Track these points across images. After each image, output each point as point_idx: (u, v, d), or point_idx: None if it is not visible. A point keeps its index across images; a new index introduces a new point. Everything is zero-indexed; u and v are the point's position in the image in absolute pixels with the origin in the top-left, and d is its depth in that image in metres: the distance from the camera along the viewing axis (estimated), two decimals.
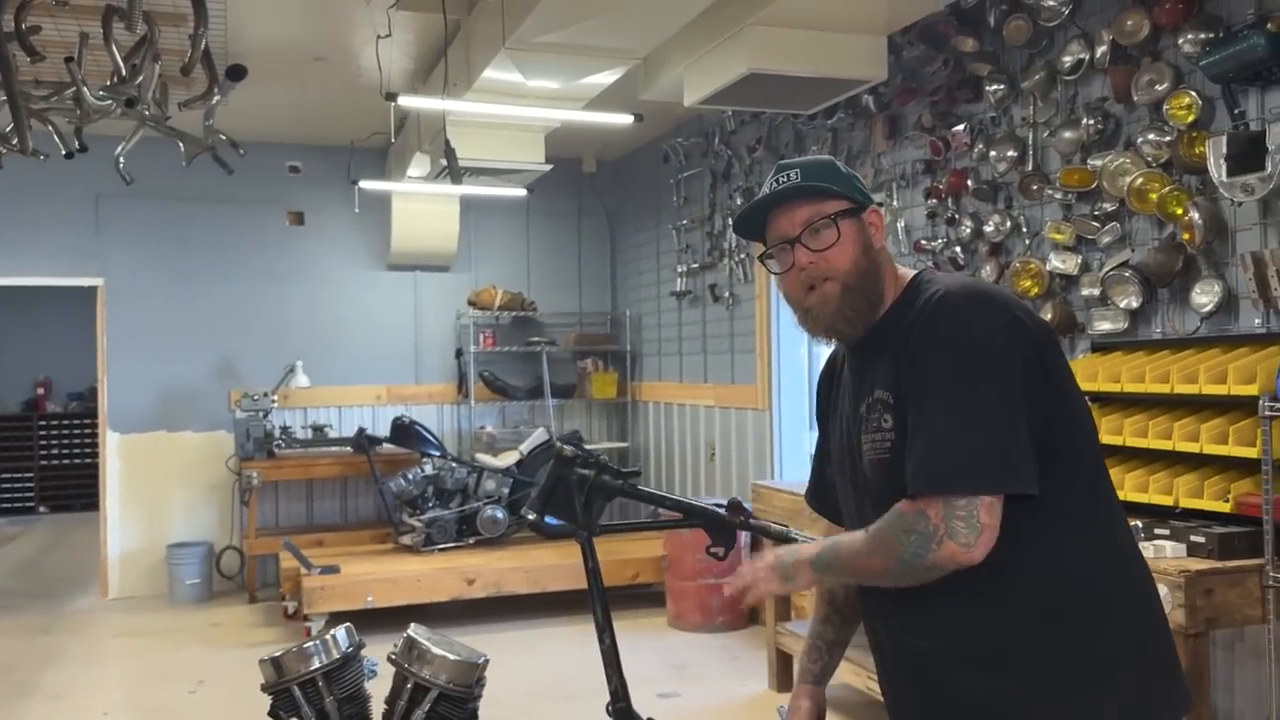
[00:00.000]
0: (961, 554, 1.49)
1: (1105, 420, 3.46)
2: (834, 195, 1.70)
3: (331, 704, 2.45)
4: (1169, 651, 1.64)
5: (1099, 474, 1.64)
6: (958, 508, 1.49)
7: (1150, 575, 1.68)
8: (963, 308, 1.58)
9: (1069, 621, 1.56)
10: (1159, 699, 1.60)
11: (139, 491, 7.37)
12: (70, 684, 5.31)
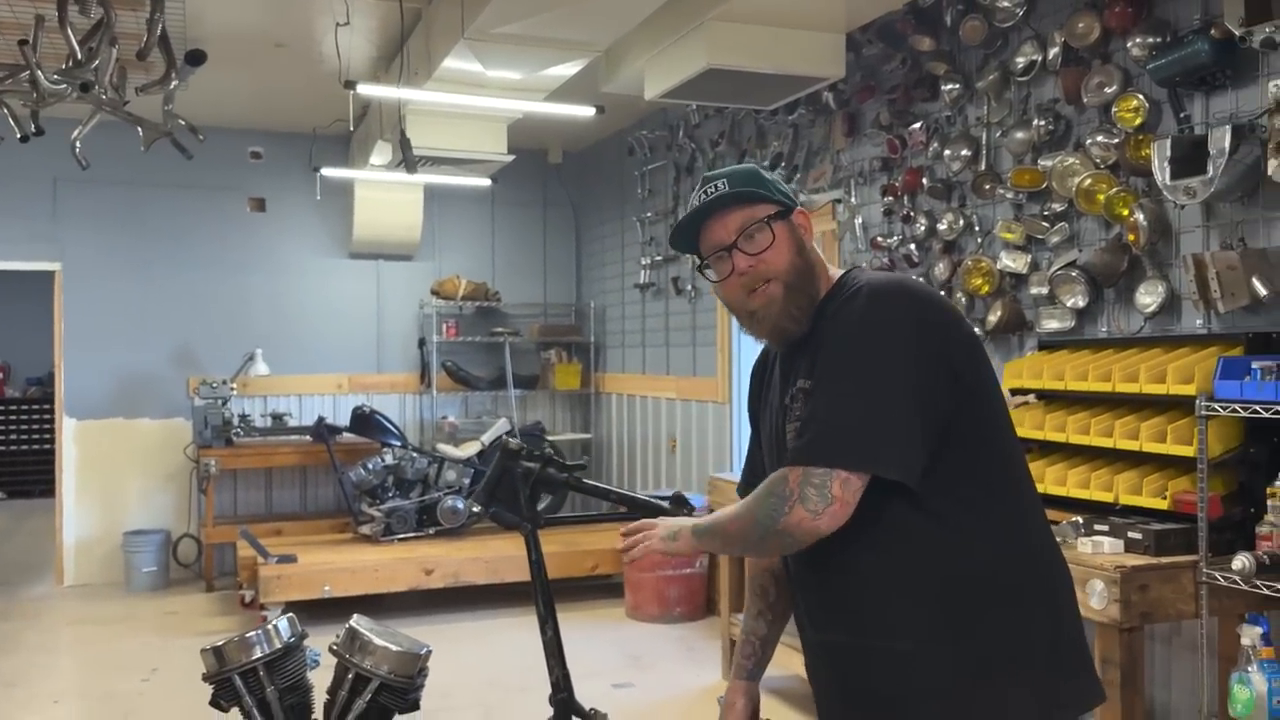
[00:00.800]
0: (808, 520, 1.55)
1: (1050, 418, 3.52)
2: (763, 199, 1.74)
3: (273, 693, 2.46)
4: (1080, 646, 1.68)
5: (1012, 469, 1.68)
6: (814, 475, 1.55)
7: (1065, 571, 1.72)
8: (872, 302, 1.63)
9: (975, 608, 1.59)
10: (1068, 691, 1.64)
11: (96, 478, 7.30)
12: (22, 672, 5.27)
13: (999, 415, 1.69)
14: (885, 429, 1.55)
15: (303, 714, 2.53)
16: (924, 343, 1.59)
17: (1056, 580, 1.68)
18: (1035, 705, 1.60)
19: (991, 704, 1.59)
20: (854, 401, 1.57)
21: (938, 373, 1.58)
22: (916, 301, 1.63)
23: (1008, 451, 1.69)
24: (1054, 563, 1.70)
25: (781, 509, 1.56)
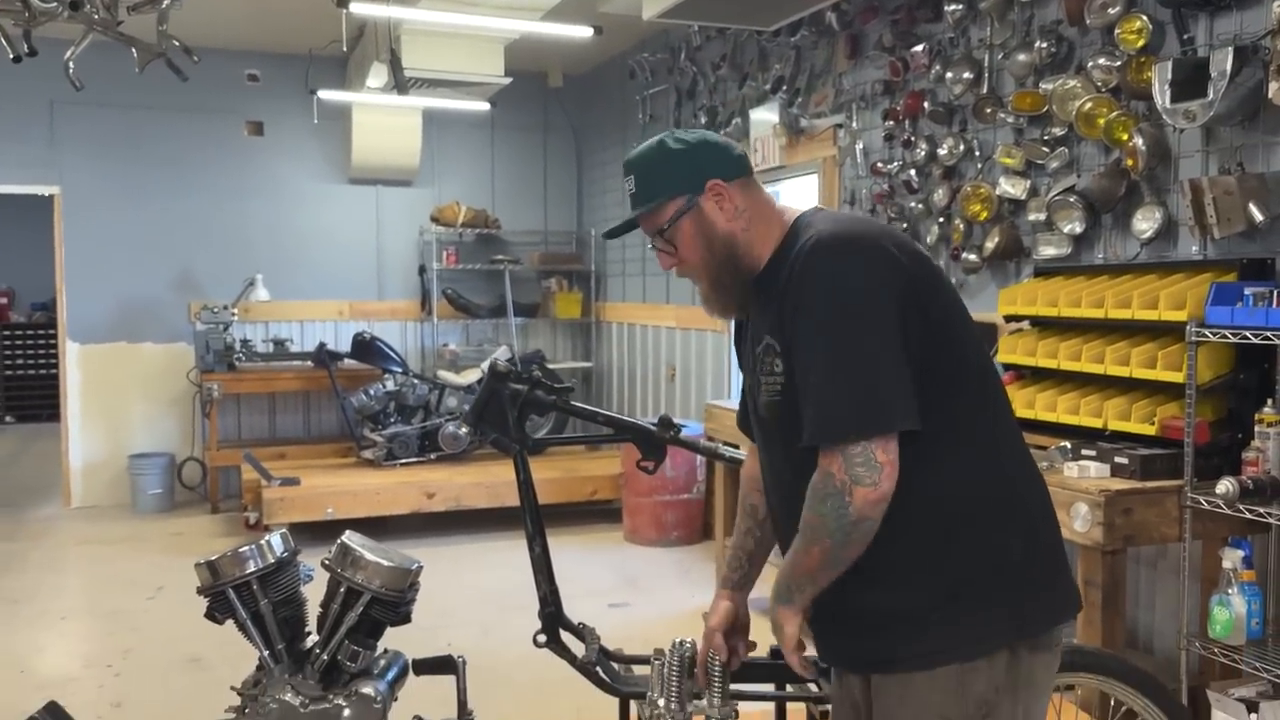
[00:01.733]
0: (873, 494, 1.54)
1: (1042, 344, 3.52)
2: (668, 195, 1.75)
3: (266, 606, 2.50)
4: (1053, 560, 1.70)
5: (987, 400, 1.68)
6: (854, 455, 1.54)
7: (1040, 490, 1.73)
8: (830, 256, 1.61)
9: (947, 533, 1.62)
10: (1040, 606, 1.66)
11: (100, 402, 7.36)
12: (30, 589, 5.37)
13: (967, 343, 1.68)
14: (890, 384, 1.55)
15: (296, 627, 2.57)
16: (890, 286, 1.58)
17: (1031, 500, 1.70)
18: (1007, 622, 1.62)
19: (964, 624, 1.61)
20: (852, 370, 1.56)
21: (906, 316, 1.58)
22: (868, 248, 1.61)
23: (978, 376, 1.69)
24: (1028, 481, 1.71)
25: (844, 503, 1.55)
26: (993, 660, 1.60)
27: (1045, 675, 1.68)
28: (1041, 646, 1.66)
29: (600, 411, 2.84)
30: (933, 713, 1.61)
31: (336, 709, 2.44)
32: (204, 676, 4.04)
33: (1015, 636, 1.62)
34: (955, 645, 1.60)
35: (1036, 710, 1.69)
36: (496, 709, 2.56)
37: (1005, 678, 1.61)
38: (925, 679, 1.61)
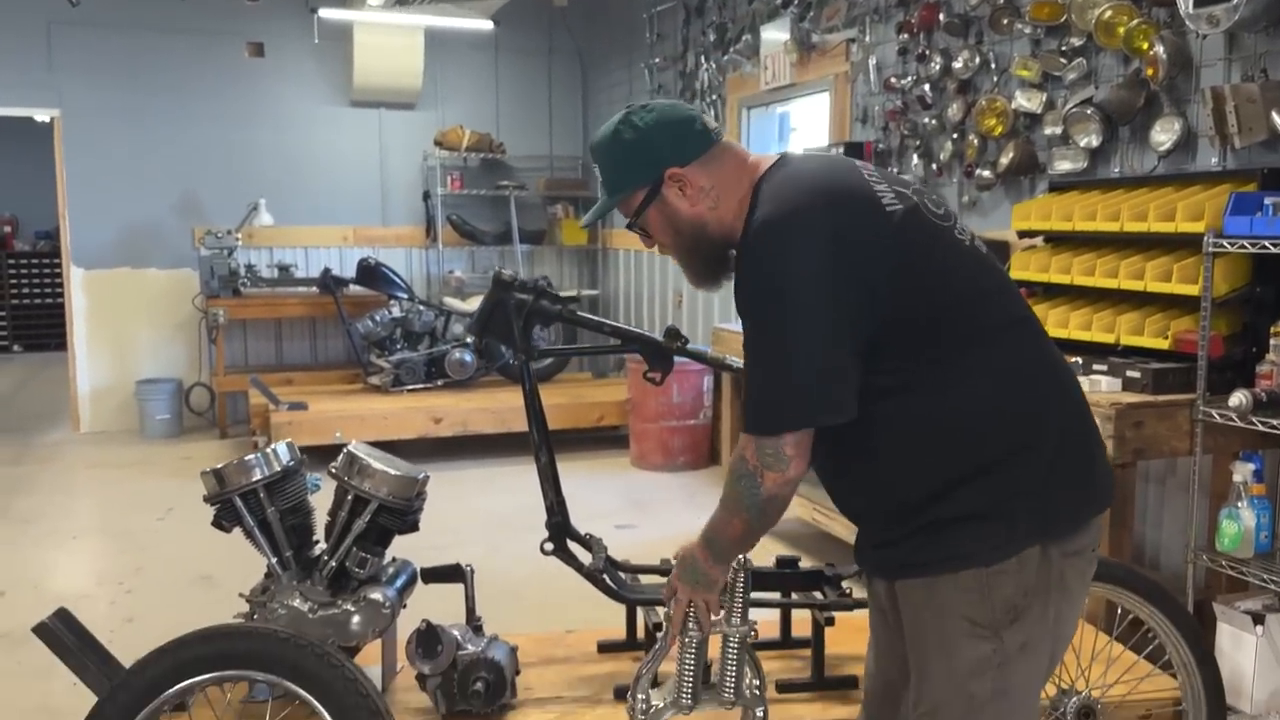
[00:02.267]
0: (781, 479, 1.61)
1: (1055, 260, 3.47)
2: (632, 185, 1.75)
3: (274, 514, 2.50)
4: (1082, 466, 1.66)
5: (995, 321, 1.64)
6: (765, 445, 1.60)
7: (1068, 400, 1.68)
8: (762, 246, 1.59)
9: (971, 452, 1.59)
10: (1070, 508, 1.64)
11: (106, 327, 7.36)
12: (41, 510, 5.42)
13: (946, 283, 1.63)
14: (813, 384, 1.57)
15: (304, 535, 2.57)
16: (828, 265, 1.55)
17: (1053, 406, 1.65)
18: (1031, 525, 1.59)
19: (987, 529, 1.59)
20: (768, 367, 1.59)
21: (852, 288, 1.55)
22: (801, 232, 1.57)
23: (979, 302, 1.64)
24: (1050, 388, 1.66)
25: (756, 483, 1.63)
26: (1022, 563, 1.58)
27: (1078, 580, 1.66)
28: (1073, 550, 1.63)
29: (606, 322, 2.80)
30: (957, 616, 1.60)
31: (345, 614, 2.45)
32: (214, 593, 4.08)
33: (1041, 539, 1.59)
34: (979, 550, 1.58)
35: (1069, 615, 1.67)
36: (504, 620, 2.58)
37: (1036, 581, 1.59)
38: (950, 582, 1.60)
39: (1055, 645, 1.67)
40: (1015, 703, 1.63)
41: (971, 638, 1.60)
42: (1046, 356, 1.69)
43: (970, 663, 1.60)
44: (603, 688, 2.55)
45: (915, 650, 1.68)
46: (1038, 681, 1.67)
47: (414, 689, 2.45)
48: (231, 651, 2.13)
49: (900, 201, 1.62)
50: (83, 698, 2.20)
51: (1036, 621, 1.60)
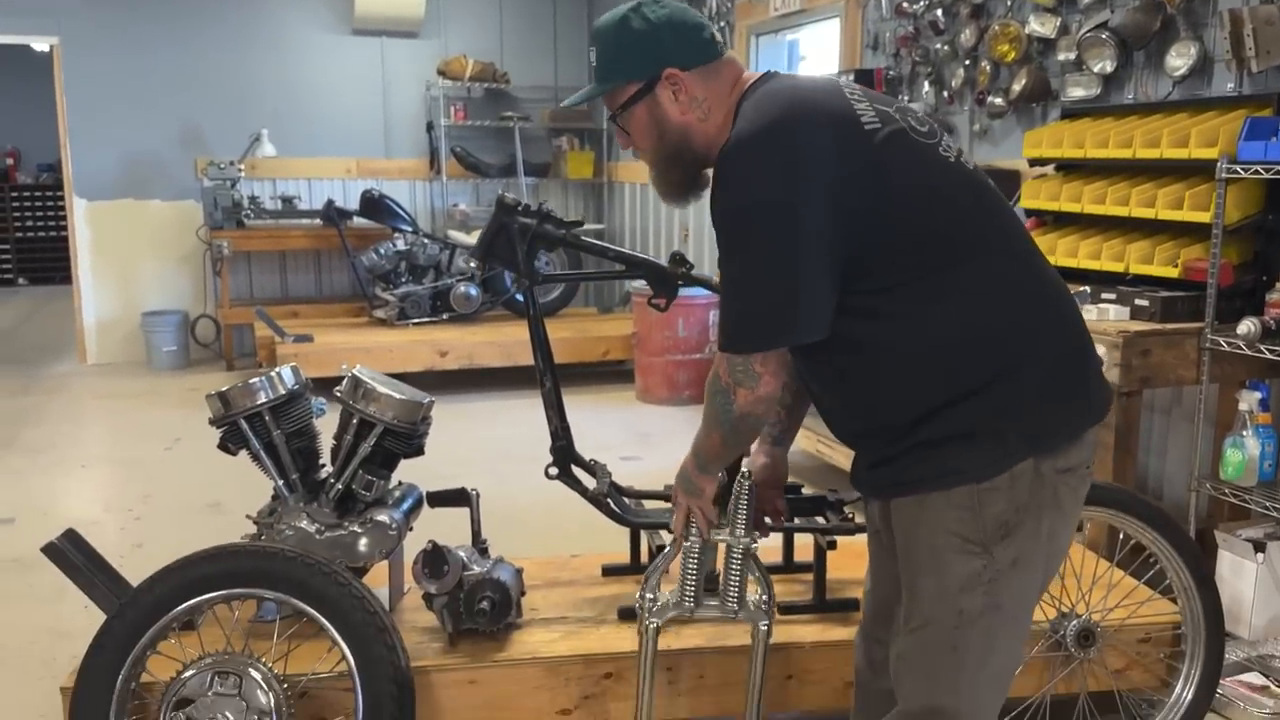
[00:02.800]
0: (752, 395, 1.64)
1: (1066, 188, 3.43)
2: (625, 77, 1.71)
3: (279, 437, 2.50)
4: (1075, 380, 1.65)
5: (964, 250, 1.60)
6: (735, 363, 1.63)
7: (1061, 315, 1.66)
8: (738, 162, 1.57)
9: (960, 371, 1.59)
10: (1061, 421, 1.63)
11: (111, 260, 7.34)
12: (50, 440, 5.45)
13: (926, 205, 1.60)
14: (782, 304, 1.57)
15: (310, 458, 2.59)
16: (801, 189, 1.53)
17: (1046, 321, 1.63)
18: (1022, 440, 1.59)
19: (978, 445, 1.59)
20: (739, 286, 1.60)
21: (828, 208, 1.53)
22: (777, 151, 1.54)
23: (968, 220, 1.62)
24: (1043, 303, 1.64)
25: (730, 400, 1.65)
26: (1015, 479, 1.58)
27: (1071, 498, 1.66)
28: (1067, 467, 1.63)
29: (610, 247, 2.79)
30: (948, 532, 1.61)
31: (352, 536, 2.47)
32: (223, 520, 4.11)
33: (1032, 453, 1.59)
34: (971, 467, 1.59)
35: (1063, 532, 1.67)
36: (509, 546, 2.60)
37: (1028, 497, 1.59)
38: (942, 499, 1.60)
39: (1049, 562, 1.68)
40: (1007, 617, 1.64)
41: (962, 554, 1.61)
42: (1037, 272, 1.67)
43: (961, 578, 1.61)
44: (607, 609, 2.58)
45: (907, 567, 1.69)
46: (1031, 597, 1.68)
47: (421, 609, 2.47)
48: (239, 570, 2.16)
49: (881, 120, 1.60)
50: (93, 619, 2.23)
51: (1029, 538, 1.61)
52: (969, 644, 1.64)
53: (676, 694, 2.39)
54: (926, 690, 1.69)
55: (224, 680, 2.08)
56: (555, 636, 2.44)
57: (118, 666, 2.10)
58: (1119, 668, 2.49)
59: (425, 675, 2.27)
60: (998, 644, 1.66)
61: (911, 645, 1.70)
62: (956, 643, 1.64)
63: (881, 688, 1.91)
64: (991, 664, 1.67)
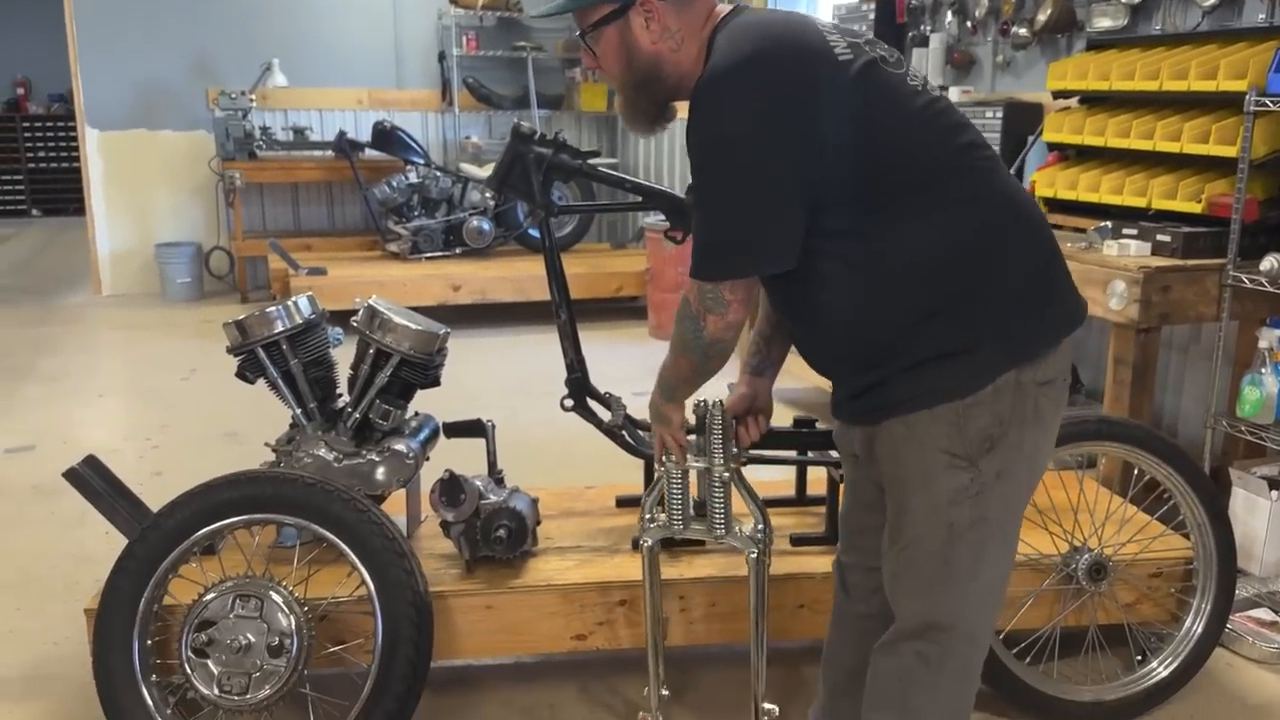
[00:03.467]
0: (721, 322, 1.68)
1: (1089, 122, 3.37)
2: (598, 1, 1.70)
3: (297, 366, 2.52)
4: (1049, 291, 1.69)
5: (931, 175, 1.62)
6: (705, 290, 1.67)
7: (1030, 230, 1.68)
8: (711, 95, 1.59)
9: (933, 289, 1.61)
10: (1037, 330, 1.66)
11: (124, 190, 7.33)
12: (65, 369, 5.49)
13: (903, 124, 1.62)
14: (752, 233, 1.61)
15: (327, 388, 2.60)
16: (776, 119, 1.55)
17: (1015, 236, 1.66)
18: (1000, 353, 1.62)
19: (958, 362, 1.62)
20: (709, 216, 1.63)
21: (800, 139, 1.56)
22: (744, 84, 1.57)
23: (925, 147, 1.63)
24: (1013, 220, 1.67)
25: (699, 326, 1.70)
26: (997, 392, 1.62)
27: (1051, 409, 1.70)
28: (1045, 379, 1.66)
29: (627, 178, 2.76)
30: (935, 449, 1.64)
31: (370, 464, 2.49)
32: (240, 449, 4.15)
33: (1013, 365, 1.62)
34: (953, 383, 1.62)
35: (1044, 445, 1.71)
36: (524, 478, 2.61)
37: (1010, 410, 1.63)
38: (927, 417, 1.64)
39: (1031, 475, 1.72)
40: (995, 528, 1.68)
41: (950, 469, 1.64)
42: (1005, 188, 1.69)
43: (949, 492, 1.65)
44: (621, 539, 2.60)
45: (896, 488, 1.72)
46: (1016, 509, 1.72)
47: (438, 537, 2.50)
48: (260, 495, 2.18)
49: (853, 53, 1.62)
50: (114, 544, 2.27)
51: (1012, 450, 1.65)
52: (960, 557, 1.68)
53: (689, 622, 2.43)
54: (922, 606, 1.74)
55: (245, 603, 2.12)
56: (570, 564, 2.47)
57: (140, 589, 2.14)
58: (1129, 602, 2.51)
59: (443, 600, 2.30)
60: (987, 555, 1.70)
61: (904, 563, 1.73)
62: (948, 556, 1.68)
63: (855, 611, 2.00)
64: (983, 575, 1.71)
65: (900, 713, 1.77)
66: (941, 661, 1.73)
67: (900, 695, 1.77)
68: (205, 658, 2.10)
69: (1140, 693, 2.43)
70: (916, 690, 1.75)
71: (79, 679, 2.54)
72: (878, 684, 1.81)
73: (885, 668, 1.79)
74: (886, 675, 1.79)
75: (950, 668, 1.73)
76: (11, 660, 2.70)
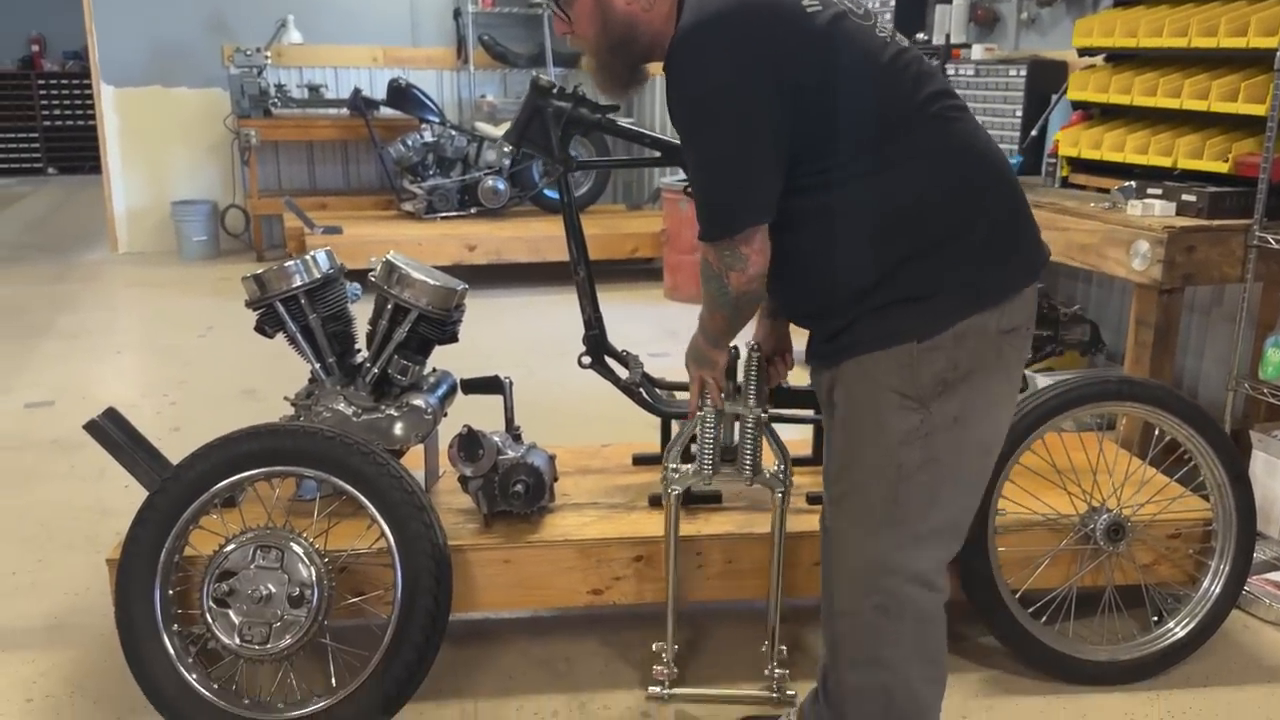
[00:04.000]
0: (744, 276, 1.69)
1: (1115, 79, 3.32)
2: None
3: (315, 320, 2.51)
4: (1013, 238, 1.72)
5: (902, 125, 1.65)
6: (722, 249, 1.68)
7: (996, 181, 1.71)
8: (686, 54, 1.61)
9: (898, 239, 1.65)
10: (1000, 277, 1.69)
11: (139, 148, 7.32)
12: (83, 326, 5.52)
13: (873, 75, 1.65)
14: (745, 187, 1.63)
15: (345, 342, 2.60)
16: (752, 74, 1.58)
17: (981, 187, 1.69)
18: (961, 298, 1.65)
19: (918, 305, 1.66)
20: (709, 175, 1.66)
21: (775, 92, 1.59)
22: (720, 38, 1.59)
23: (897, 98, 1.66)
24: (978, 171, 1.69)
25: (724, 284, 1.71)
26: (957, 338, 1.64)
27: (1015, 357, 1.72)
28: (1009, 327, 1.69)
29: (647, 133, 2.73)
30: (884, 387, 1.67)
31: (388, 419, 2.50)
32: (258, 405, 4.17)
33: (973, 311, 1.65)
34: (911, 326, 1.65)
35: (1008, 392, 1.75)
36: (540, 437, 2.61)
37: (970, 356, 1.66)
38: (883, 356, 1.67)
39: (994, 422, 1.74)
40: (946, 472, 1.70)
41: (900, 409, 1.67)
42: (975, 141, 1.72)
43: (900, 433, 1.68)
44: (638, 495, 2.61)
45: (850, 426, 1.74)
46: (973, 455, 1.74)
47: (455, 492, 2.51)
48: (281, 448, 2.19)
49: (822, 4, 1.65)
50: (134, 497, 2.28)
51: (971, 395, 1.68)
52: (909, 497, 1.70)
53: (706, 578, 2.43)
54: (870, 544, 1.75)
55: (266, 554, 2.13)
56: (587, 520, 2.48)
57: (161, 539, 2.15)
58: (1147, 562, 2.51)
59: (461, 554, 2.31)
60: (938, 499, 1.72)
61: (856, 503, 1.76)
62: (898, 495, 1.70)
63: None
64: (933, 518, 1.73)
65: (873, 666, 1.79)
66: (900, 610, 1.75)
67: (869, 650, 1.79)
68: (226, 608, 2.12)
69: (1156, 653, 2.43)
70: (882, 642, 1.78)
71: (100, 629, 2.58)
72: (846, 644, 1.84)
73: (848, 627, 1.82)
74: (852, 634, 1.82)
75: (910, 613, 1.76)
76: (34, 610, 2.73)
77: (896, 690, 1.79)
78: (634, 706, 2.33)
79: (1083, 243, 3.07)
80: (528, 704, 2.34)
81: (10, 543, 3.11)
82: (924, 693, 1.81)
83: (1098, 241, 3.02)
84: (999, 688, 2.40)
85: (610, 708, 2.33)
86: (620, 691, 2.38)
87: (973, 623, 2.54)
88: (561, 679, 2.44)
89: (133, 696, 2.19)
